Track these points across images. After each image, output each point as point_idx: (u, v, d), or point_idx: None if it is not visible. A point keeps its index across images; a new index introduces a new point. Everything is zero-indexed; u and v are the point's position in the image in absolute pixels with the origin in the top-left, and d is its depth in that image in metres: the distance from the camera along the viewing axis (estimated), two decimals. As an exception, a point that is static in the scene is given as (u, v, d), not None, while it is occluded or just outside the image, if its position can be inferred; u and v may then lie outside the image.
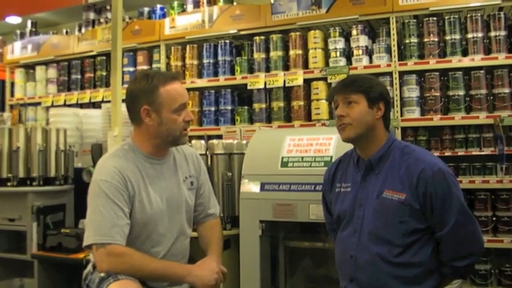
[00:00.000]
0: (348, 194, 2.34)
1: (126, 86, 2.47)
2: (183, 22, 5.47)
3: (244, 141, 3.48)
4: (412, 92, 4.43)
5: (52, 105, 6.12)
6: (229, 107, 5.19)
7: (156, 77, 2.31)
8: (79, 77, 6.22)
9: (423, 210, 2.14)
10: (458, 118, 4.26)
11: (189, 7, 5.64)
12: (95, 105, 5.86)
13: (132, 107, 2.36)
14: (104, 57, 5.98)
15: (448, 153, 4.33)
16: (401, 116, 4.44)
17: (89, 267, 2.38)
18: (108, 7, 6.25)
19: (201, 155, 3.26)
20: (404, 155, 2.24)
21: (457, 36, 4.36)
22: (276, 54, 4.99)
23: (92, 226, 2.21)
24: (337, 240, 2.39)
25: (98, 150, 4.21)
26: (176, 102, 2.31)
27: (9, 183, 4.01)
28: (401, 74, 4.48)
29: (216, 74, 5.30)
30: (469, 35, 4.33)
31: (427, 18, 4.46)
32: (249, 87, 5.03)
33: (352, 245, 2.25)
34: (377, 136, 2.28)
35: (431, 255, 2.17)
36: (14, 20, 7.09)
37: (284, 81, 4.87)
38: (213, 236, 2.58)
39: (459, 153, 4.31)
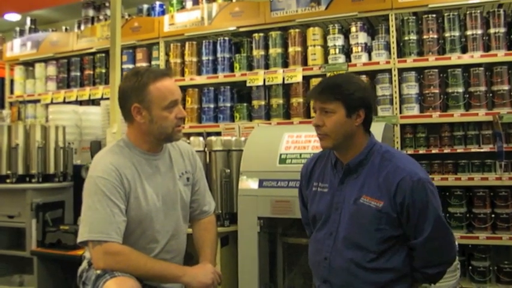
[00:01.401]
0: (325, 195, 2.29)
1: (120, 83, 2.46)
2: (182, 19, 5.47)
3: (242, 138, 3.48)
4: (411, 89, 4.43)
5: (51, 103, 6.12)
6: (228, 104, 5.19)
7: (145, 75, 2.29)
8: (78, 74, 6.21)
9: (399, 218, 2.11)
10: (457, 115, 4.26)
11: (188, 4, 5.63)
12: (94, 102, 5.87)
13: (123, 105, 2.35)
14: (103, 54, 5.98)
15: (447, 150, 4.33)
16: (400, 113, 4.43)
17: (84, 264, 2.37)
18: (107, 4, 6.25)
19: (199, 151, 3.28)
20: (384, 161, 2.18)
21: (457, 33, 4.35)
22: (275, 51, 4.98)
23: (87, 222, 2.20)
24: (312, 240, 2.37)
25: (97, 147, 4.21)
26: (166, 99, 2.29)
27: (8, 180, 4.02)
28: (401, 71, 4.47)
29: (215, 71, 5.30)
30: (469, 32, 4.32)
31: (426, 15, 4.45)
32: (248, 84, 5.03)
33: (326, 248, 2.23)
34: (356, 142, 2.22)
35: (404, 260, 2.16)
36: (13, 17, 7.08)
37: (283, 78, 4.86)
38: (207, 238, 2.57)
39: (458, 150, 4.31)
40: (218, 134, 4.39)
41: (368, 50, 4.67)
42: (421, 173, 2.13)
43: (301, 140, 3.05)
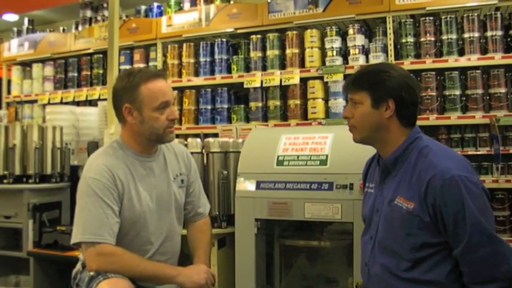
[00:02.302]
0: (371, 195, 2.19)
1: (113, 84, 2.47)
2: (180, 20, 5.47)
3: (240, 140, 3.48)
4: (409, 91, 4.43)
5: (49, 103, 6.12)
6: (225, 106, 5.19)
7: (138, 75, 2.29)
8: (76, 74, 6.21)
9: (434, 223, 1.88)
10: (454, 118, 4.27)
11: (186, 5, 5.63)
12: (92, 103, 5.86)
13: (116, 105, 2.35)
14: (101, 55, 5.97)
15: (443, 153, 4.33)
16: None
17: (78, 266, 2.37)
18: (105, 5, 6.25)
19: (197, 153, 3.28)
20: (420, 157, 1.99)
21: (454, 36, 4.36)
22: (272, 53, 4.99)
23: (80, 224, 2.19)
24: (361, 244, 2.25)
25: (94, 148, 4.19)
26: (157, 100, 2.27)
27: (5, 181, 4.02)
28: (398, 73, 4.47)
29: (212, 72, 5.30)
30: (466, 35, 4.33)
31: (423, 18, 4.46)
32: (245, 86, 5.03)
33: (367, 253, 2.12)
34: (391, 136, 2.06)
35: (449, 274, 1.89)
36: (10, 17, 7.09)
37: (280, 80, 4.87)
38: (201, 239, 2.57)
39: (455, 153, 4.32)
40: (215, 135, 4.39)
41: (365, 52, 4.68)
42: (457, 169, 1.88)
43: (298, 142, 3.05)
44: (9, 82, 6.79)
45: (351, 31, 4.70)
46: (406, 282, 1.93)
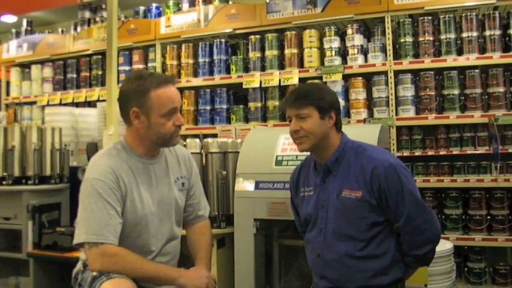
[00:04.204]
0: (311, 197, 2.43)
1: (121, 85, 2.46)
2: (179, 21, 5.48)
3: (239, 140, 3.48)
4: (407, 91, 4.44)
5: (48, 104, 6.12)
6: (224, 106, 5.20)
7: (148, 80, 2.27)
8: (75, 76, 6.22)
9: (379, 204, 2.25)
10: (453, 117, 4.28)
11: (185, 6, 5.64)
12: (91, 104, 5.85)
13: (123, 108, 2.34)
14: (100, 56, 5.98)
15: (442, 152, 4.34)
16: (396, 115, 4.45)
17: (79, 266, 2.36)
18: (103, 6, 6.25)
19: (196, 153, 3.28)
20: (358, 155, 2.35)
21: (452, 36, 4.37)
22: (271, 53, 5.00)
23: (84, 224, 2.19)
24: (306, 241, 2.49)
25: (93, 149, 4.20)
26: (166, 107, 2.27)
27: (4, 182, 4.02)
28: (397, 73, 4.49)
29: (211, 73, 5.31)
30: (464, 34, 4.34)
31: (422, 18, 4.47)
32: (244, 86, 5.04)
33: (318, 245, 2.36)
34: (331, 142, 2.38)
35: (394, 246, 2.29)
36: (9, 18, 7.07)
37: (279, 80, 4.88)
38: (202, 243, 2.57)
39: (454, 152, 4.33)
40: (214, 136, 4.39)
41: (364, 52, 4.69)
42: (392, 159, 2.31)
43: (297, 142, 3.05)
44: (8, 84, 6.79)
45: (349, 31, 4.71)
46: (362, 260, 2.26)
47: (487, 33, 4.30)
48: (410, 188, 2.24)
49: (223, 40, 5.29)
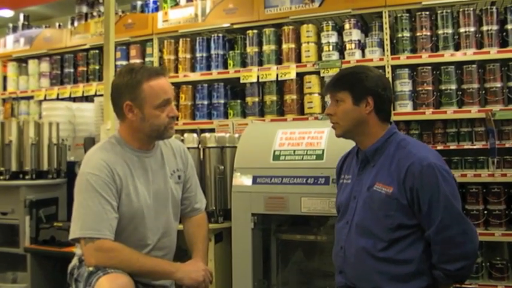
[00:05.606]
0: (348, 185, 2.37)
1: (113, 79, 2.45)
2: (176, 16, 5.46)
3: (236, 135, 3.49)
4: (405, 86, 4.44)
5: (45, 99, 6.10)
6: (222, 101, 5.19)
7: (140, 72, 2.29)
8: (72, 70, 6.19)
9: (411, 205, 2.09)
10: (450, 112, 4.27)
11: (182, 1, 5.62)
12: (88, 99, 5.84)
13: (116, 102, 2.35)
14: (97, 51, 5.96)
15: (440, 147, 4.34)
16: (393, 109, 4.44)
17: (75, 261, 2.37)
18: (100, 0, 6.24)
19: (193, 148, 3.29)
20: (399, 148, 2.21)
21: (450, 31, 4.37)
22: (268, 48, 4.99)
23: (79, 219, 2.20)
24: (335, 231, 2.40)
25: (90, 144, 4.19)
26: (159, 98, 2.29)
27: (1, 177, 4.02)
28: (394, 68, 4.49)
29: (209, 67, 5.29)
30: (462, 29, 4.34)
31: (419, 12, 4.46)
32: (241, 81, 5.03)
33: (343, 236, 2.28)
34: (371, 130, 2.28)
35: (421, 255, 2.11)
36: (6, 13, 7.06)
37: (277, 75, 4.87)
38: (199, 235, 2.58)
39: (451, 147, 4.33)
40: (212, 130, 4.39)
41: (361, 47, 4.68)
42: (433, 158, 2.12)
43: (294, 137, 3.06)
44: (4, 78, 6.75)
45: (347, 26, 4.70)
46: (381, 262, 2.12)
47: (485, 28, 4.30)
48: (448, 193, 2.04)
49: (220, 35, 5.28)
